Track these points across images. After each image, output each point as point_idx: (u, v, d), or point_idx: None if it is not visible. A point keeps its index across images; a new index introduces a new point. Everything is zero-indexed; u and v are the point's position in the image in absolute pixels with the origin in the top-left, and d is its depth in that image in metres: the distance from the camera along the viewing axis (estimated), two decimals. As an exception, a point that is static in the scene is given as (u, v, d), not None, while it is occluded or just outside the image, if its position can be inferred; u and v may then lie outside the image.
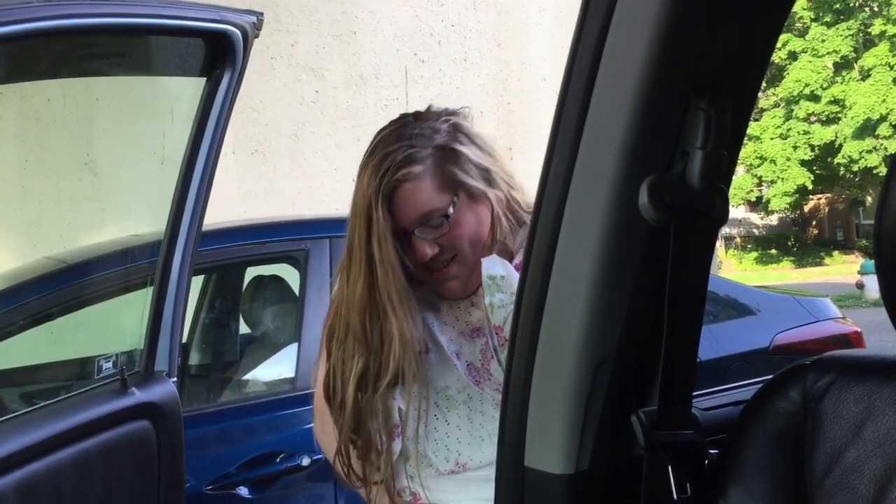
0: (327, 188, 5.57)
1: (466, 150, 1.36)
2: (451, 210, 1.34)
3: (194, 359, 3.09)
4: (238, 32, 1.54)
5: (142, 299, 1.72)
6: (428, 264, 1.35)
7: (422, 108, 1.43)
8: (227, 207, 4.90)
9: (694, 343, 0.88)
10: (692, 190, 0.83)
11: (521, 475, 0.92)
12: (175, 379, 1.68)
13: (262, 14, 1.60)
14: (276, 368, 2.63)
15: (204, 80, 1.60)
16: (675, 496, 0.82)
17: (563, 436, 0.89)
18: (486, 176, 1.38)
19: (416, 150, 1.34)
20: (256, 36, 1.60)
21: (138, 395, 1.59)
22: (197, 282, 3.12)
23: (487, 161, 1.39)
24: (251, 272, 3.04)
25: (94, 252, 2.33)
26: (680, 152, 0.84)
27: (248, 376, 2.74)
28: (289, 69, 5.60)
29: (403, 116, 1.41)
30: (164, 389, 1.64)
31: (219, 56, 1.57)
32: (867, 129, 21.33)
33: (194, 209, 1.66)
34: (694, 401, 1.12)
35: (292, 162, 5.54)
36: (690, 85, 0.82)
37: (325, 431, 1.46)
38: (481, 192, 1.36)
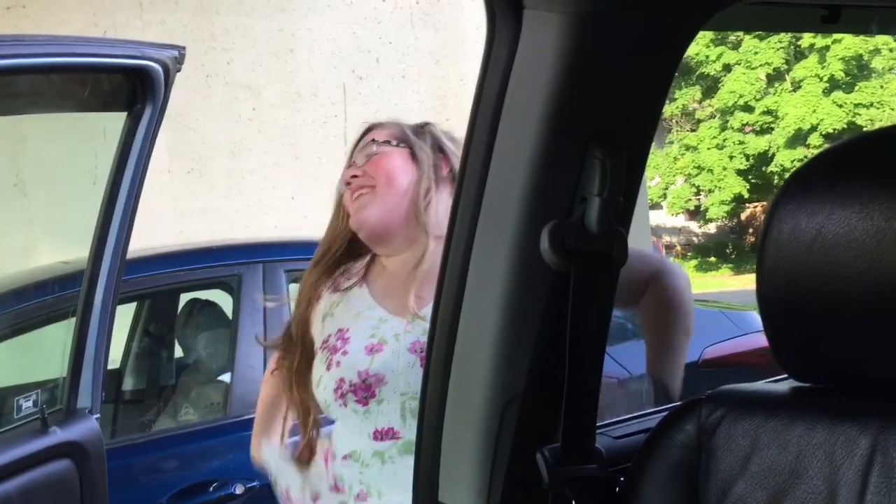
0: (266, 206, 5.54)
1: (436, 131, 1.52)
2: (383, 140, 1.47)
3: (128, 384, 3.05)
4: (158, 68, 1.54)
5: (64, 331, 1.70)
6: (350, 189, 1.46)
7: (360, 125, 1.57)
8: (162, 226, 4.83)
9: (595, 380, 0.91)
10: (591, 234, 0.87)
11: (436, 511, 0.94)
12: (98, 415, 1.66)
13: (184, 48, 1.61)
14: (208, 395, 2.61)
15: (125, 114, 1.60)
16: (578, 530, 0.86)
17: (475, 472, 0.92)
18: (437, 159, 1.47)
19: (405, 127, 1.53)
20: (178, 70, 1.60)
21: (59, 435, 1.57)
22: (130, 308, 3.08)
23: (449, 150, 1.49)
24: (185, 297, 3.02)
25: (19, 281, 2.29)
26: (579, 199, 0.87)
27: (181, 403, 2.72)
28: (225, 87, 5.55)
29: None
30: (87, 427, 1.62)
31: (139, 91, 1.57)
32: (799, 138, 21.95)
33: (117, 242, 1.65)
34: (613, 427, 1.17)
35: (229, 180, 5.49)
36: (587, 135, 0.86)
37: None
38: (423, 159, 1.46)
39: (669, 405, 1.24)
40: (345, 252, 1.52)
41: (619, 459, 0.97)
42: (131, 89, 1.58)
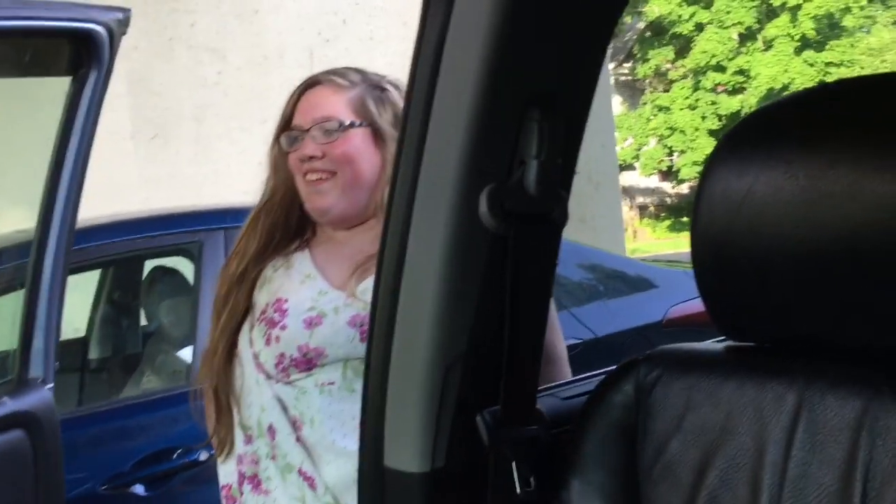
0: (233, 172, 5.48)
1: (396, 97, 1.39)
2: (349, 122, 1.36)
3: (94, 353, 3.03)
4: (103, 31, 1.50)
5: (13, 302, 1.68)
6: (307, 172, 1.37)
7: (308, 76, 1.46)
8: (128, 194, 4.78)
9: (537, 342, 0.92)
10: (530, 197, 0.87)
11: (381, 475, 0.95)
12: (51, 385, 1.65)
13: (129, 10, 1.57)
14: (172, 362, 2.60)
15: (69, 79, 1.57)
16: (517, 490, 0.87)
17: (419, 435, 0.93)
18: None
19: (348, 73, 1.41)
20: (124, 33, 1.57)
21: (10, 405, 1.56)
22: (94, 276, 3.05)
23: None
24: (150, 265, 2.99)
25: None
26: (518, 161, 0.87)
27: (145, 370, 2.71)
28: (189, 51, 5.46)
29: None
30: (39, 396, 1.61)
31: (84, 55, 1.53)
32: (770, 98, 22.02)
33: (64, 210, 1.62)
34: (561, 388, 1.18)
35: (196, 146, 5.43)
36: (525, 98, 0.85)
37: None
38: (388, 137, 1.37)
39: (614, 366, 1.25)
40: (282, 234, 1.44)
41: (567, 420, 0.97)
42: (75, 53, 1.54)
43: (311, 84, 1.41)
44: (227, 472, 1.44)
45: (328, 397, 1.34)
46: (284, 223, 1.44)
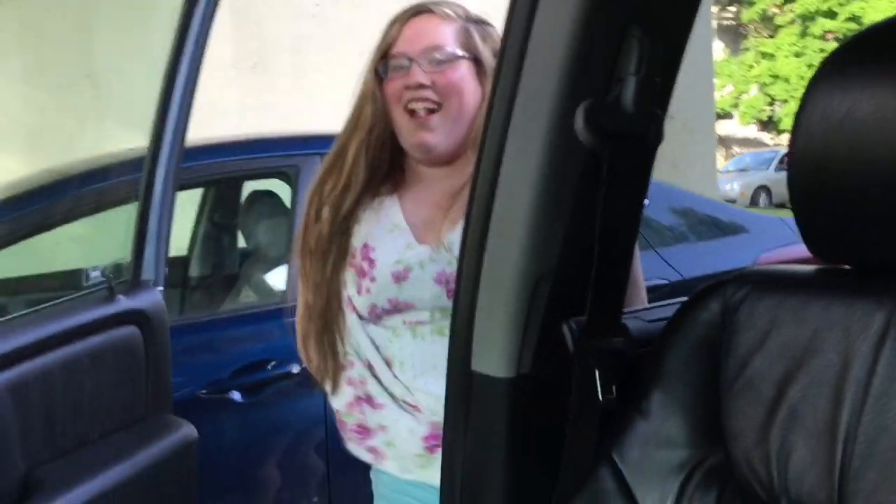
0: (328, 103, 5.56)
1: (496, 34, 1.35)
2: (459, 53, 1.34)
3: (194, 271, 3.18)
4: (216, -50, 1.56)
5: (129, 213, 1.79)
6: (412, 101, 1.33)
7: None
8: (226, 122, 4.92)
9: (626, 260, 0.94)
10: (626, 115, 0.88)
11: (469, 378, 0.99)
12: (161, 287, 1.76)
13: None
14: (268, 281, 2.71)
15: (182, -2, 1.63)
16: (600, 398, 0.90)
17: (506, 342, 0.97)
18: None
19: (453, 6, 1.38)
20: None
21: (125, 303, 1.67)
22: (196, 195, 3.18)
23: None
24: (249, 187, 3.10)
25: (88, 166, 2.39)
26: (616, 79, 0.88)
27: (242, 288, 2.83)
28: (289, -18, 5.54)
29: None
30: (151, 297, 1.72)
31: (197, -25, 1.59)
32: (885, 47, 20.88)
33: (176, 124, 1.71)
34: (646, 311, 1.20)
35: (293, 77, 5.53)
36: (626, 15, 0.86)
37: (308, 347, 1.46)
38: (489, 71, 1.33)
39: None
40: (380, 173, 1.39)
41: (650, 341, 0.99)
42: (189, -29, 1.60)
43: (417, 12, 1.38)
44: (340, 400, 1.44)
45: (420, 341, 1.35)
46: (381, 160, 1.40)
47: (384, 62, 1.37)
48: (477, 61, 1.36)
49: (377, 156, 1.40)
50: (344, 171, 1.40)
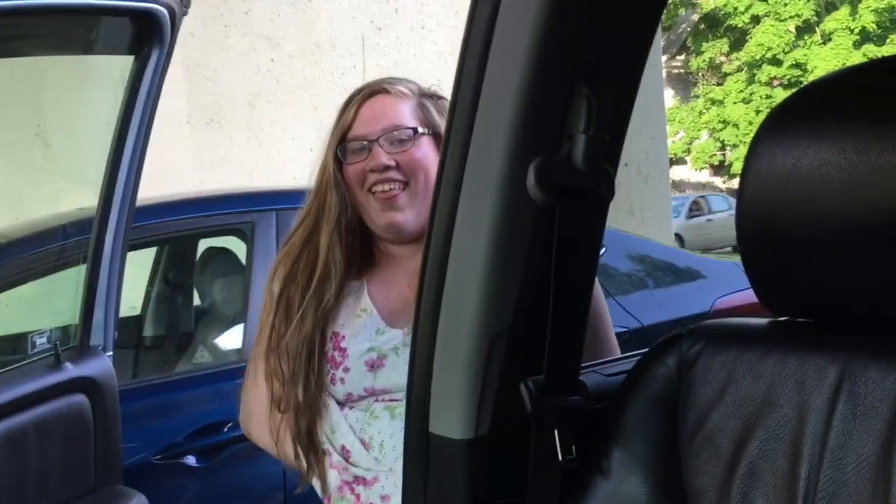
0: (285, 158, 5.57)
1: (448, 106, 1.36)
2: (420, 130, 1.34)
3: (148, 330, 3.12)
4: (164, 11, 1.56)
5: (77, 275, 1.75)
6: (377, 183, 1.32)
7: (379, 76, 1.44)
8: (183, 178, 4.89)
9: (581, 316, 0.94)
10: (577, 171, 0.88)
11: (427, 440, 0.98)
12: (111, 353, 1.71)
13: (189, -8, 1.62)
14: (223, 339, 2.67)
15: (132, 58, 1.62)
16: (560, 458, 0.89)
17: (463, 403, 0.95)
18: None
19: (403, 81, 1.39)
20: (185, 13, 1.62)
21: (72, 370, 1.63)
22: (150, 253, 3.14)
23: None
24: (203, 244, 3.07)
25: (35, 227, 2.34)
26: (566, 136, 0.89)
27: (198, 347, 2.78)
28: (244, 38, 5.56)
29: None
30: (100, 363, 1.67)
31: (146, 35, 1.58)
32: (828, 92, 21.56)
33: (125, 187, 1.69)
34: (605, 366, 1.19)
35: (248, 131, 5.53)
36: (574, 72, 0.87)
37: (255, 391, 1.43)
38: None
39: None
40: (349, 257, 1.35)
41: (609, 396, 0.99)
42: (137, 32, 1.59)
43: (371, 93, 1.37)
44: (329, 486, 1.38)
45: (398, 421, 1.31)
46: (355, 248, 1.38)
47: (342, 146, 1.36)
48: (436, 135, 1.35)
49: (351, 244, 1.38)
50: (319, 262, 1.36)
